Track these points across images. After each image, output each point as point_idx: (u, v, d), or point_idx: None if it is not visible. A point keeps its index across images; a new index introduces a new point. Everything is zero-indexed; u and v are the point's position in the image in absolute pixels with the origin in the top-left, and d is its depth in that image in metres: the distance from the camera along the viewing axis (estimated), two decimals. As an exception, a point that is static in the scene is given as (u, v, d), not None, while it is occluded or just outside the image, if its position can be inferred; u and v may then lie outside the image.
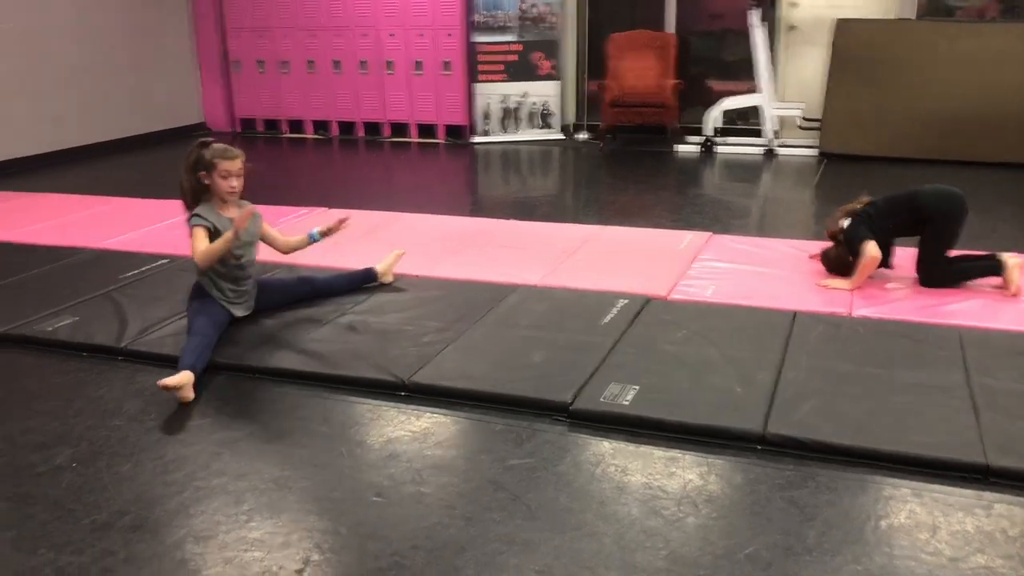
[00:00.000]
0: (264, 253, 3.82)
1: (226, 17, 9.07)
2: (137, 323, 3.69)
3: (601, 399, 2.92)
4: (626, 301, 3.81)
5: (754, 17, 7.27)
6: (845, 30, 7.34)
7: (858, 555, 2.17)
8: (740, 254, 4.49)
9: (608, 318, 3.63)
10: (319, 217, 5.36)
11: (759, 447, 2.68)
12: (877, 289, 3.91)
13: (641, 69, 8.10)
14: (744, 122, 8.11)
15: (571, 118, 8.75)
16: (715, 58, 8.45)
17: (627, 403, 2.89)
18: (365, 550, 2.24)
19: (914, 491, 2.45)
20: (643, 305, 3.77)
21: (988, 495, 2.41)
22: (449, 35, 8.35)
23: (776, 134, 7.57)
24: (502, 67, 8.36)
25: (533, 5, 8.24)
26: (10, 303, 3.83)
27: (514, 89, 8.41)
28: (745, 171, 7.05)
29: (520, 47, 8.32)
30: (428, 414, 2.97)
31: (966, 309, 3.67)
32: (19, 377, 3.37)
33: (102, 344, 3.52)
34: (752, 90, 7.66)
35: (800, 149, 7.49)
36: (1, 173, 6.99)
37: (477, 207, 6.12)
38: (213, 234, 3.43)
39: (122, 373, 3.35)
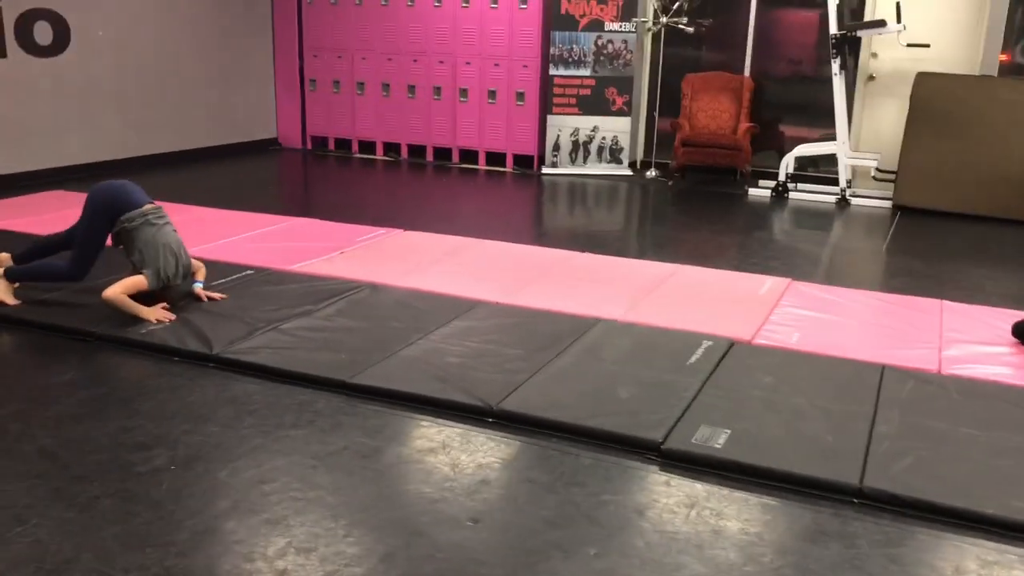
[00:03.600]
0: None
1: (305, 38, 9.26)
2: (227, 331, 3.75)
3: (693, 440, 2.91)
4: (711, 343, 3.80)
5: (834, 65, 7.25)
6: (925, 83, 7.29)
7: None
8: (820, 302, 4.46)
9: (694, 358, 3.62)
10: (393, 238, 5.44)
11: (855, 500, 2.65)
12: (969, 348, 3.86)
13: (715, 110, 8.12)
14: (816, 169, 8.08)
15: (640, 155, 8.78)
16: (790, 103, 8.43)
17: (719, 446, 2.88)
18: (465, 574, 2.24)
19: (1020, 558, 2.40)
20: (728, 348, 3.75)
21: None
22: (525, 66, 8.45)
23: (849, 183, 7.52)
24: (575, 100, 8.43)
25: (609, 41, 8.30)
26: (102, 306, 3.92)
27: (585, 123, 8.46)
28: (816, 219, 7.00)
29: (593, 82, 8.38)
30: (516, 442, 2.97)
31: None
32: (116, 378, 3.45)
33: (194, 350, 3.58)
34: (826, 137, 7.63)
35: (873, 200, 7.43)
36: (88, 176, 7.17)
37: (546, 237, 6.14)
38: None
39: (213, 379, 3.40)
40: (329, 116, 9.39)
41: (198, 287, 4.17)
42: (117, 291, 3.82)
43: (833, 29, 7.20)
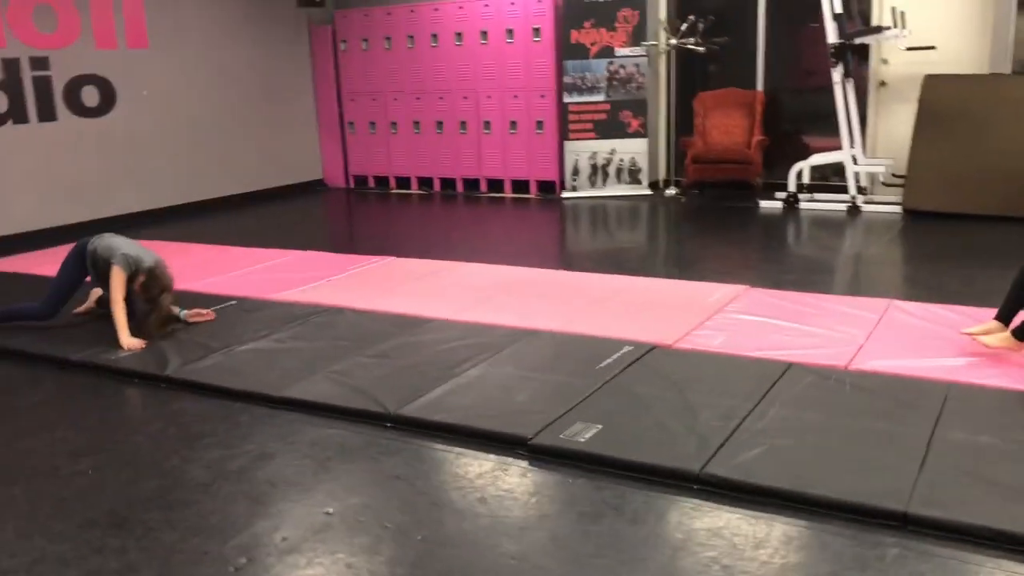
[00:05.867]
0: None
1: (342, 83, 9.82)
2: (185, 355, 4.15)
3: (561, 436, 3.10)
4: (630, 348, 3.96)
5: (836, 74, 7.26)
6: (933, 86, 7.21)
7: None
8: (766, 307, 4.54)
9: (606, 363, 3.79)
10: (383, 266, 5.79)
11: (694, 487, 2.79)
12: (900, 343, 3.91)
13: (726, 126, 8.21)
14: (838, 179, 8.04)
15: (661, 174, 8.91)
16: (805, 115, 8.43)
17: (582, 440, 3.06)
18: None
19: (822, 532, 2.50)
20: (645, 352, 3.91)
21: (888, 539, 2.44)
22: (542, 96, 8.73)
23: (863, 191, 7.48)
24: (591, 125, 8.65)
25: (621, 66, 8.51)
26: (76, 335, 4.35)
27: (603, 146, 8.67)
28: (824, 227, 6.99)
29: (608, 106, 8.59)
30: (413, 443, 3.22)
31: (959, 365, 3.62)
32: (76, 396, 3.88)
33: (151, 372, 3.98)
34: (844, 146, 7.61)
35: (885, 206, 7.36)
36: (139, 223, 7.79)
37: (525, 257, 6.34)
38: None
39: (160, 397, 3.79)
40: (368, 155, 9.89)
41: (183, 313, 4.58)
42: (117, 299, 4.30)
43: (832, 38, 7.23)
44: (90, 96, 7.78)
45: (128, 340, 4.31)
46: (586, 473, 2.93)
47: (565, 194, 8.79)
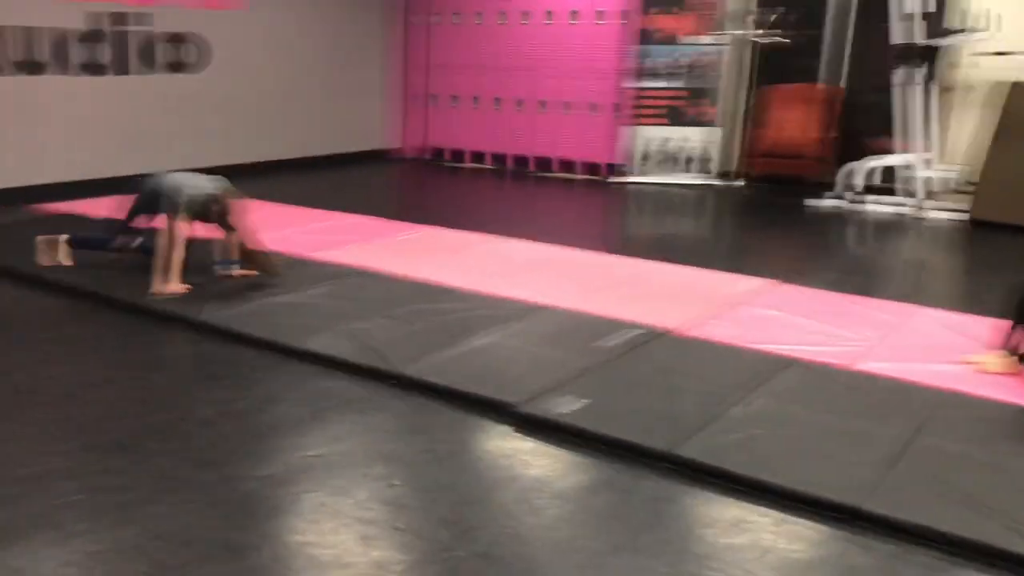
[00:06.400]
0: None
1: (431, 55, 10.00)
2: (222, 303, 4.40)
3: (545, 406, 3.22)
4: (641, 331, 4.04)
5: (909, 76, 7.08)
6: (1021, 94, 6.96)
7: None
8: (795, 304, 4.53)
9: (612, 343, 3.88)
10: (426, 235, 5.97)
11: (669, 465, 2.87)
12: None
13: (795, 121, 8.10)
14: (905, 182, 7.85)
15: (730, 165, 8.85)
16: (879, 115, 8.22)
17: (566, 412, 3.17)
18: (271, 489, 2.70)
19: (773, 519, 2.56)
20: (653, 336, 3.98)
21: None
22: (621, 80, 8.75)
23: (928, 196, 7.30)
24: (663, 111, 8.64)
25: (699, 55, 8.46)
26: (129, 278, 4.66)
27: (673, 133, 8.65)
28: (882, 230, 6.87)
29: (682, 93, 8.57)
30: (413, 399, 3.39)
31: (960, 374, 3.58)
32: (114, 333, 4.17)
33: (184, 316, 4.25)
34: (911, 150, 7.43)
35: (950, 213, 7.17)
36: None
37: (575, 239, 6.41)
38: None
39: (188, 337, 4.06)
40: (447, 128, 10.08)
41: (228, 269, 4.81)
42: (178, 243, 4.55)
43: (897, 39, 7.04)
44: (187, 52, 8.16)
45: (175, 284, 4.57)
46: (567, 444, 3.03)
47: (631, 178, 8.81)
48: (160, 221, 4.76)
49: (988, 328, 4.08)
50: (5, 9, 6.92)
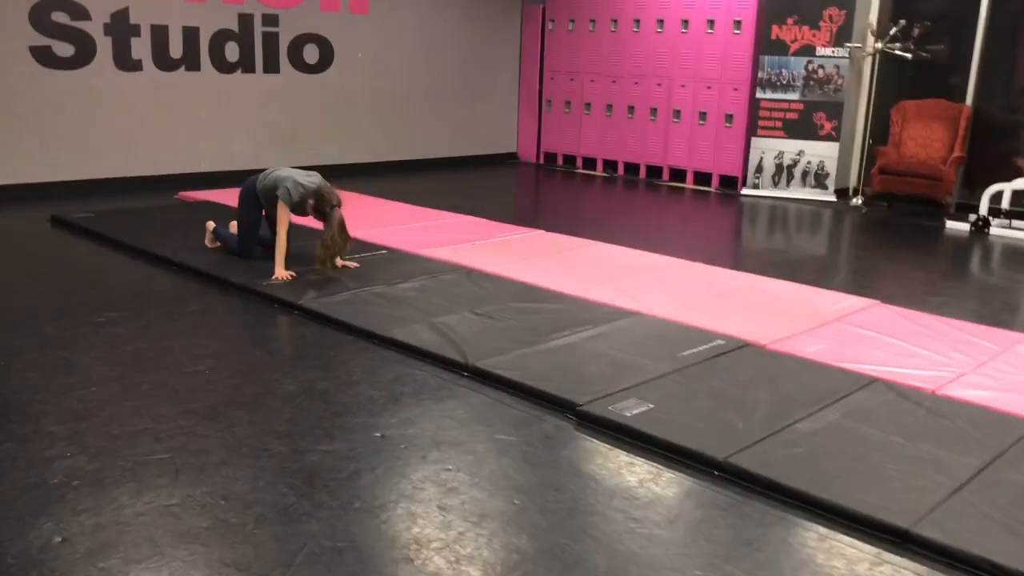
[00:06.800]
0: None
1: (546, 61, 10.17)
2: (322, 291, 4.64)
3: (609, 407, 3.27)
4: (722, 341, 4.02)
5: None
6: None
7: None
8: (890, 325, 4.40)
9: (691, 351, 3.88)
10: (532, 237, 6.08)
11: (715, 473, 2.88)
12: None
13: (924, 139, 7.80)
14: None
15: (851, 182, 8.59)
16: (1016, 135, 7.83)
17: (628, 415, 3.21)
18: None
19: (820, 536, 2.53)
20: (734, 347, 3.96)
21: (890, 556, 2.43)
22: (735, 89, 8.66)
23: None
24: (781, 123, 8.48)
25: (820, 66, 8.27)
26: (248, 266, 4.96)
27: (791, 146, 8.48)
28: (1007, 257, 6.53)
29: (801, 106, 8.39)
30: (484, 392, 3.51)
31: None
32: (231, 311, 4.46)
33: (287, 300, 4.50)
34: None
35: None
36: (342, 175, 8.56)
37: (690, 251, 6.40)
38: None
39: (294, 320, 4.30)
40: (560, 134, 10.21)
41: (338, 260, 5.08)
42: (281, 233, 4.87)
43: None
44: (311, 53, 8.58)
45: (281, 271, 4.87)
46: (627, 445, 3.07)
47: (745, 191, 8.69)
48: (270, 214, 5.09)
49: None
50: (165, 8, 7.48)
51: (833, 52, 8.22)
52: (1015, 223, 7.16)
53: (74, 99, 7.22)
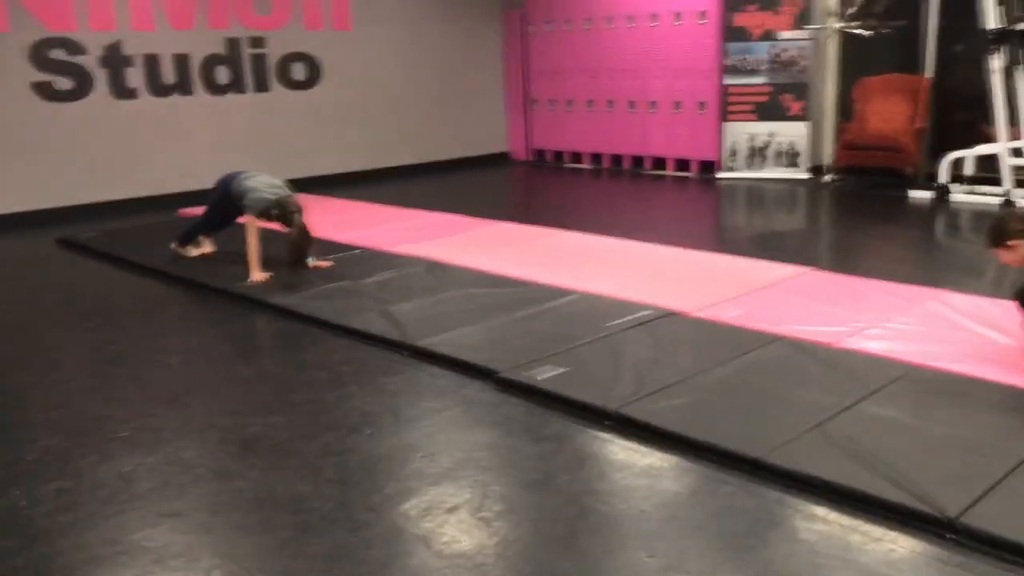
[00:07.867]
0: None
1: (529, 62, 10.54)
2: (294, 289, 5.06)
3: (525, 373, 3.64)
4: (648, 312, 4.37)
5: (995, 62, 6.95)
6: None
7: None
8: (818, 289, 4.68)
9: (616, 322, 4.23)
10: (496, 229, 6.45)
11: (606, 423, 3.23)
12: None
13: (886, 112, 8.05)
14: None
15: (823, 159, 8.86)
16: (974, 104, 8.03)
17: (541, 379, 3.57)
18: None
19: (685, 469, 2.88)
20: (656, 316, 4.31)
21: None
22: (706, 78, 8.96)
23: (1019, 185, 7.12)
24: (752, 107, 8.77)
25: (784, 49, 8.55)
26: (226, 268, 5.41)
27: (762, 128, 8.77)
28: (966, 221, 6.78)
29: (769, 89, 8.67)
30: (423, 368, 3.89)
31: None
32: (202, 308, 4.90)
33: (258, 299, 4.93)
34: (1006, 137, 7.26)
35: (1041, 201, 6.97)
36: (337, 184, 9.03)
37: (649, 232, 6.70)
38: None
39: (264, 317, 4.73)
40: (547, 130, 10.58)
41: (310, 261, 5.51)
42: (251, 241, 5.32)
43: (992, 23, 6.92)
44: (299, 71, 9.04)
45: (256, 274, 5.29)
46: (539, 404, 3.44)
47: (721, 175, 8.99)
48: (242, 219, 5.53)
49: (1004, 310, 4.15)
50: (155, 39, 7.97)
51: (795, 35, 8.49)
52: (977, 188, 7.39)
53: (75, 128, 7.73)
